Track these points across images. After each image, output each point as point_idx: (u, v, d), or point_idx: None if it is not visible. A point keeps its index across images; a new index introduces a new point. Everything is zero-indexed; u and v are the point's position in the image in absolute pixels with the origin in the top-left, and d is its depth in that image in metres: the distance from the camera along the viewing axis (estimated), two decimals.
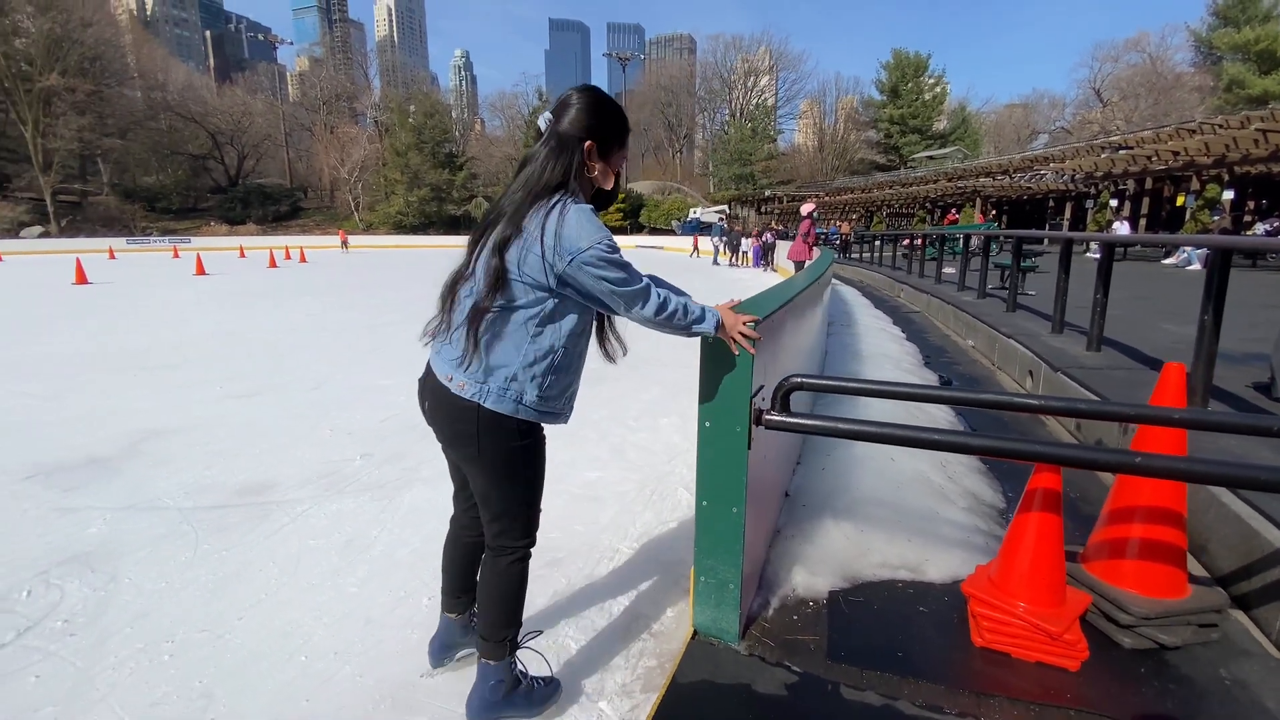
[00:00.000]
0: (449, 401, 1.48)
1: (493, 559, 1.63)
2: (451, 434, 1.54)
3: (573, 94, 1.51)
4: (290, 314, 9.81)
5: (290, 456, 3.60)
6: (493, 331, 1.43)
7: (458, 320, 1.46)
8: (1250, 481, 1.36)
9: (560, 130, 1.46)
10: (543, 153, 1.45)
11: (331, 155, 53.50)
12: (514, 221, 1.40)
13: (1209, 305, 3.27)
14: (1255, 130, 15.07)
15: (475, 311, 1.41)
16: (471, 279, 1.45)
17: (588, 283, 1.39)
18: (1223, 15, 37.81)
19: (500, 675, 1.62)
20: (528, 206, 1.41)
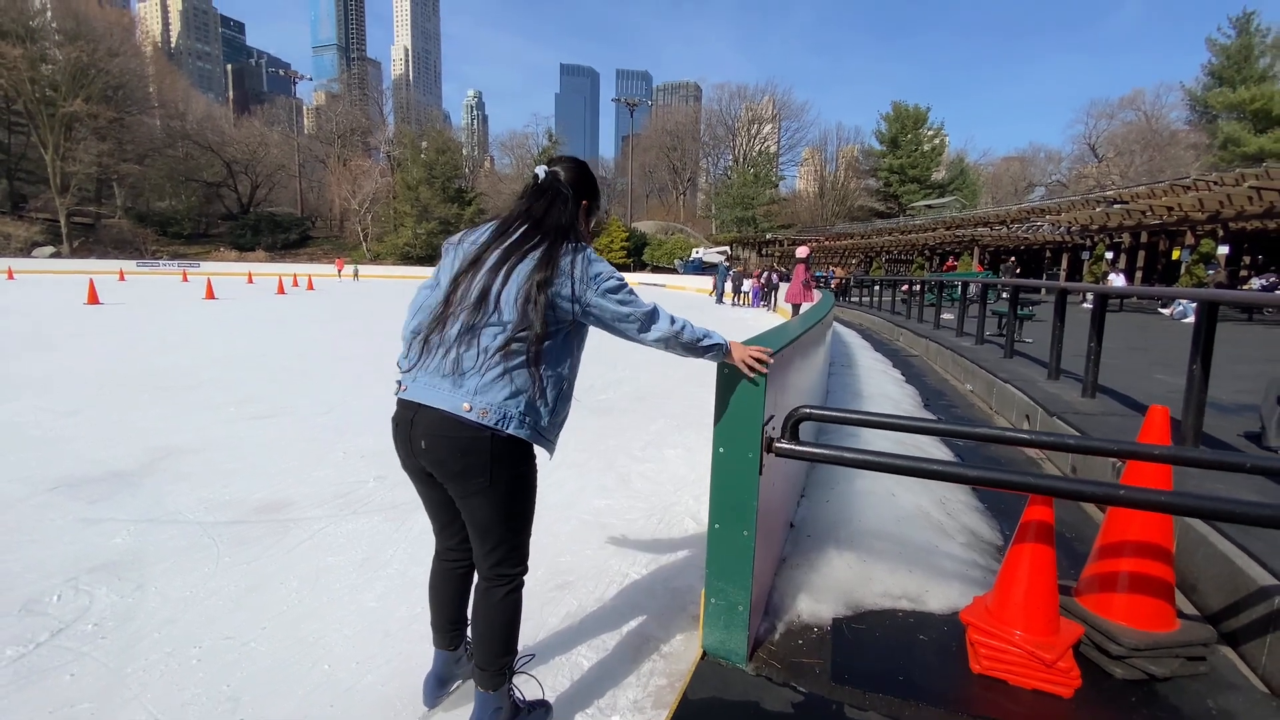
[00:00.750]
0: (459, 434, 1.47)
1: (488, 589, 1.63)
2: (461, 468, 1.50)
3: (567, 160, 1.71)
4: (301, 339, 9.98)
5: (305, 477, 3.69)
6: (515, 362, 1.49)
7: (474, 352, 1.49)
8: (1225, 514, 1.48)
9: (560, 186, 1.63)
10: (554, 204, 1.60)
11: (343, 187, 54.66)
12: (550, 261, 1.51)
13: (1197, 355, 3.42)
14: (1249, 188, 15.52)
15: (506, 343, 1.48)
16: (482, 312, 1.49)
17: (611, 308, 1.54)
18: (1218, 75, 39.18)
19: (499, 703, 1.65)
20: (557, 248, 1.53)
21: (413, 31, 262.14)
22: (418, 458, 1.55)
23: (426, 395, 1.51)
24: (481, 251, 1.56)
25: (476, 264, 1.54)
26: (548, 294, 1.48)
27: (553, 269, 1.50)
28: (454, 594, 1.78)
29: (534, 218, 1.58)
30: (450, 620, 1.79)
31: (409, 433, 1.54)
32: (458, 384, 1.49)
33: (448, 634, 1.79)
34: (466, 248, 1.61)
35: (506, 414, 1.49)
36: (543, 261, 1.50)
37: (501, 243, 1.56)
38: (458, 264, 1.58)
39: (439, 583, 1.78)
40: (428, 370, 1.53)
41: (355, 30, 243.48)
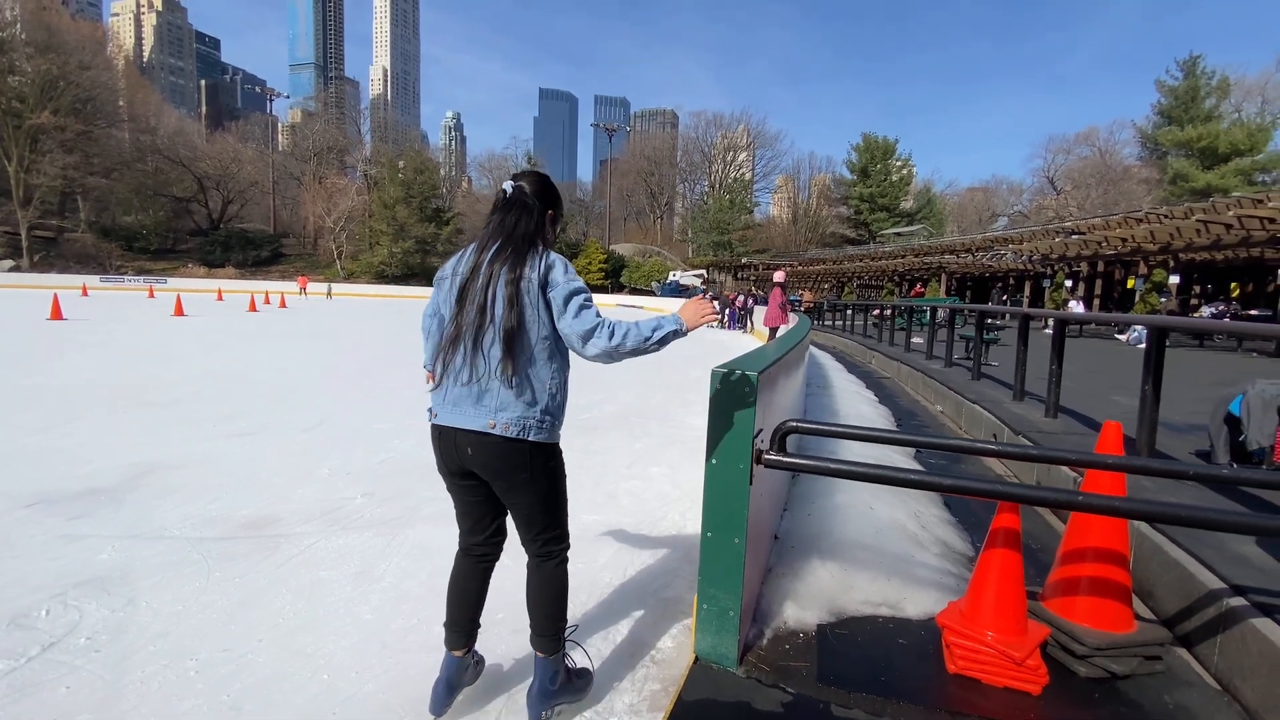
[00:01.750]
0: (494, 446, 1.66)
1: (540, 565, 1.86)
2: (506, 468, 1.69)
3: (530, 174, 1.86)
4: (277, 357, 9.86)
5: (292, 493, 3.68)
6: (520, 371, 1.65)
7: (485, 370, 1.65)
8: (1172, 518, 1.63)
9: (525, 198, 1.78)
10: (522, 216, 1.75)
11: (318, 204, 54.16)
12: (514, 271, 1.65)
13: (1149, 377, 3.66)
14: (1197, 221, 16.41)
15: (506, 347, 1.63)
16: (513, 323, 1.64)
17: (559, 312, 1.67)
18: (1167, 114, 41.45)
19: (555, 668, 1.84)
20: (524, 252, 1.69)
21: (392, 52, 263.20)
22: (463, 463, 1.73)
23: (454, 418, 1.70)
24: (470, 271, 1.71)
25: (470, 284, 1.69)
26: (519, 291, 1.64)
27: (520, 269, 1.66)
28: (477, 589, 1.91)
29: (506, 230, 1.73)
30: (469, 617, 1.89)
31: (449, 448, 1.74)
32: (480, 402, 1.67)
33: (465, 632, 1.88)
34: (460, 272, 1.74)
35: (526, 424, 1.67)
36: (513, 264, 1.67)
37: (484, 257, 1.71)
38: (455, 290, 1.72)
39: (462, 577, 1.90)
40: (452, 393, 1.70)
41: (334, 50, 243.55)
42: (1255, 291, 21.89)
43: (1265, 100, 41.42)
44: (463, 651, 1.88)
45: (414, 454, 4.58)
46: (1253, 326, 9.60)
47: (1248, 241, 15.61)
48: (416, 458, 4.49)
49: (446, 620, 1.89)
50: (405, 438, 5.01)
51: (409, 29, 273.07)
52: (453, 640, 1.88)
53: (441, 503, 3.60)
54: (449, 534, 3.14)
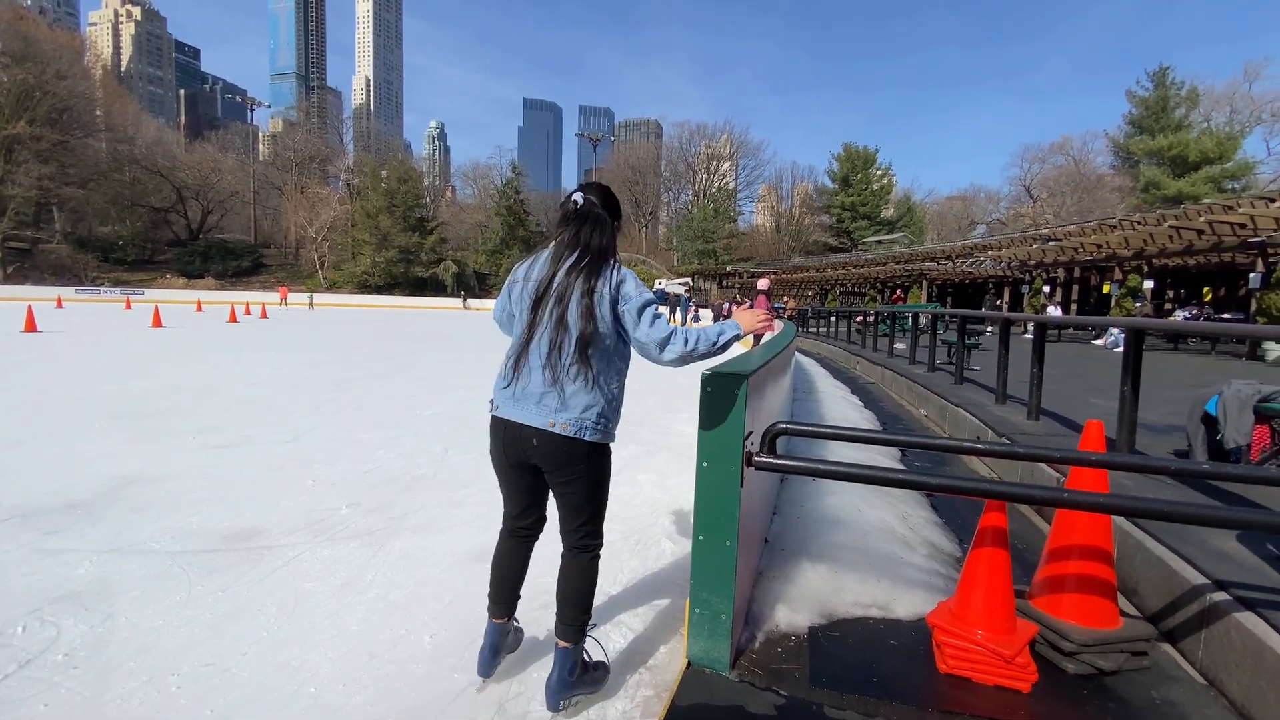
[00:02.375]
0: (560, 444, 1.80)
1: (576, 556, 1.97)
2: (564, 460, 1.83)
3: (597, 187, 1.97)
4: (258, 368, 9.71)
5: (274, 505, 3.62)
6: (583, 377, 1.79)
7: (555, 374, 1.79)
8: (1154, 513, 1.66)
9: (597, 211, 1.89)
10: (597, 228, 1.86)
11: (300, 214, 53.71)
12: (589, 282, 1.78)
13: (1128, 378, 3.73)
14: (1169, 227, 16.84)
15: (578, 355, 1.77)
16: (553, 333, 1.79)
17: (630, 323, 1.80)
18: (1138, 124, 42.54)
19: (575, 659, 1.93)
20: (599, 265, 1.81)
21: (374, 62, 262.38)
22: (526, 456, 1.86)
23: (518, 413, 1.84)
24: (549, 279, 1.82)
25: (548, 292, 1.81)
26: (595, 304, 1.78)
27: (595, 281, 1.79)
28: (519, 564, 2.06)
29: (582, 242, 1.83)
30: (511, 590, 2.05)
31: (513, 441, 1.86)
32: (541, 402, 1.80)
33: (507, 603, 2.04)
34: (532, 279, 1.87)
35: (583, 425, 1.81)
36: (588, 276, 1.80)
37: (560, 267, 1.82)
38: (529, 294, 1.85)
39: (507, 554, 2.05)
40: (519, 390, 1.84)
41: (315, 59, 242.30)
42: (1227, 296, 22.45)
43: (1233, 110, 42.67)
44: (504, 619, 2.04)
45: (399, 464, 4.53)
46: (1224, 327, 9.84)
47: (1219, 247, 16.04)
48: (402, 468, 4.44)
49: (490, 592, 2.04)
50: (390, 448, 4.96)
51: (391, 39, 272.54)
52: (495, 610, 2.03)
53: (429, 513, 3.58)
54: (435, 544, 3.13)
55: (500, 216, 54.31)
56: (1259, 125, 42.28)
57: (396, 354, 12.82)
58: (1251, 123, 41.88)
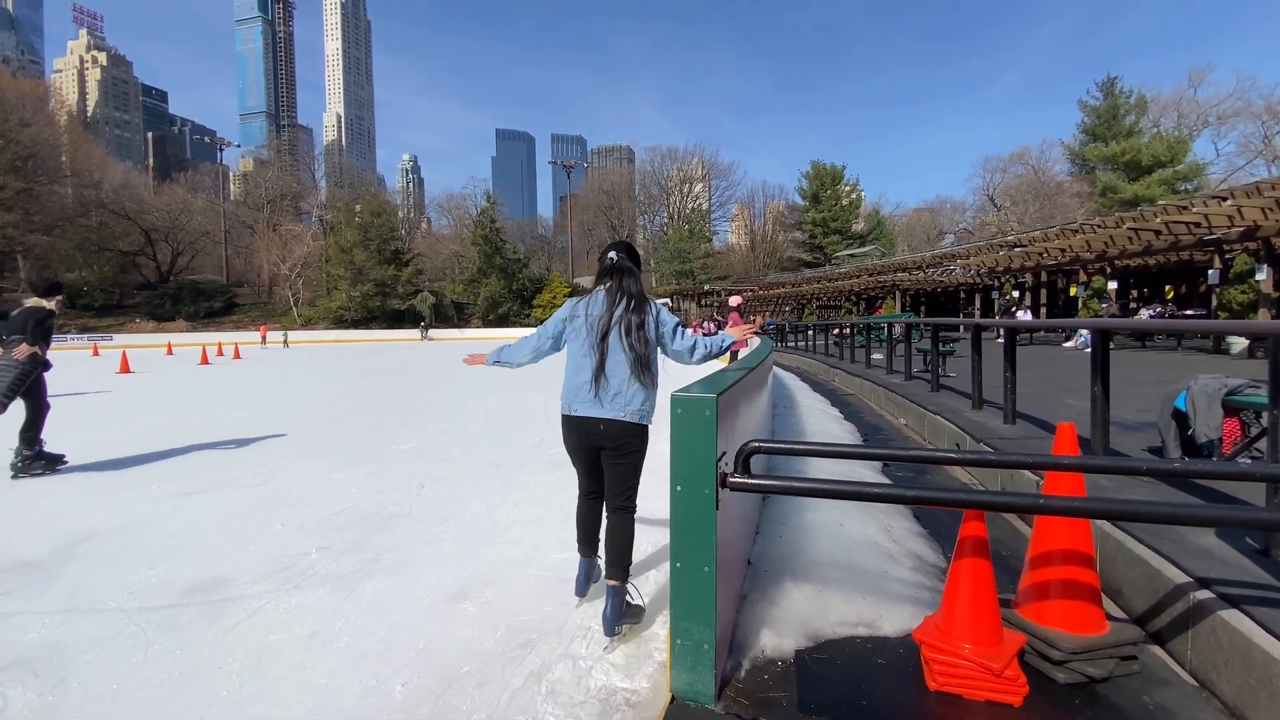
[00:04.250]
0: (624, 427, 2.51)
1: (620, 517, 2.60)
2: (624, 443, 2.54)
3: (623, 245, 2.71)
4: (228, 411, 9.46)
5: (241, 553, 3.48)
6: (638, 383, 2.51)
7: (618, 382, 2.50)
8: (1133, 514, 1.64)
9: (630, 265, 2.66)
10: (632, 277, 2.64)
11: (273, 252, 53.13)
12: (639, 317, 2.55)
13: (1097, 378, 3.77)
14: (1128, 229, 17.29)
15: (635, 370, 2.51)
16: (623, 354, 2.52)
17: (668, 338, 2.61)
18: (1091, 132, 43.99)
19: (622, 596, 2.50)
20: (645, 305, 2.59)
21: (345, 98, 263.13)
22: (598, 441, 2.54)
23: (593, 411, 2.52)
24: (609, 319, 2.54)
25: (613, 320, 2.54)
26: (645, 333, 2.54)
27: (643, 316, 2.56)
28: (595, 519, 2.76)
29: (627, 291, 2.59)
30: (592, 534, 2.77)
31: (588, 430, 2.54)
32: (613, 401, 2.50)
33: (591, 544, 2.77)
34: (593, 316, 2.58)
35: (642, 414, 2.55)
36: (639, 312, 2.56)
37: (615, 310, 2.55)
38: (595, 329, 2.55)
39: (586, 511, 2.79)
40: (595, 396, 2.50)
41: (285, 98, 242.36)
42: (1189, 293, 23.10)
43: (1180, 115, 44.42)
44: (591, 556, 2.78)
45: (373, 503, 4.40)
46: (1187, 324, 10.08)
47: (1177, 245, 16.52)
48: (376, 506, 4.31)
49: (578, 538, 2.79)
50: (364, 486, 4.82)
51: (361, 75, 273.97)
52: (585, 550, 2.79)
53: (404, 552, 3.46)
54: (410, 586, 3.02)
55: (476, 245, 54.22)
56: (1206, 128, 44.11)
57: (373, 389, 12.62)
58: (1199, 126, 43.64)
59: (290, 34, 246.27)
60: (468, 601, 2.85)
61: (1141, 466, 1.65)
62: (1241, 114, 43.75)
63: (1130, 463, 1.66)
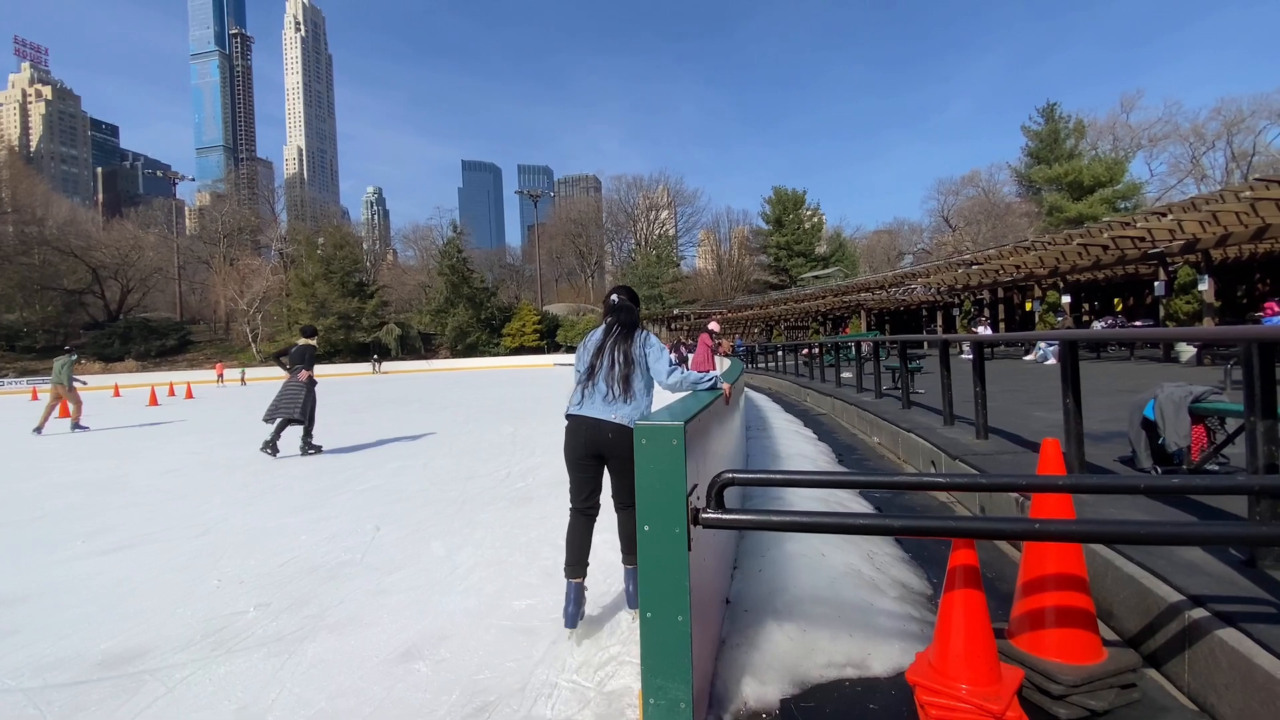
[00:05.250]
0: (625, 432, 2.64)
1: (626, 513, 2.76)
2: (626, 450, 2.38)
3: (624, 289, 3.12)
4: (172, 455, 8.92)
5: (168, 616, 3.14)
6: (629, 394, 2.79)
7: (613, 390, 2.79)
8: (1131, 537, 1.52)
9: (630, 304, 3.06)
10: (629, 313, 3.02)
11: (230, 287, 51.70)
12: (630, 340, 2.90)
13: (1069, 390, 3.73)
14: (1078, 245, 17.98)
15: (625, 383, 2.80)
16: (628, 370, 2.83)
17: (653, 362, 2.88)
18: (1035, 155, 46.15)
19: (635, 574, 2.41)
20: (634, 333, 2.94)
21: (306, 132, 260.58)
22: (599, 445, 2.76)
23: (599, 411, 2.78)
24: (603, 344, 2.91)
25: (604, 348, 2.90)
26: (635, 354, 2.87)
27: (630, 343, 2.91)
28: (586, 540, 2.83)
29: (623, 323, 2.97)
30: (583, 555, 2.79)
31: (591, 433, 2.77)
32: (609, 408, 2.77)
33: (581, 565, 2.78)
34: (593, 344, 2.96)
35: (634, 420, 2.36)
36: (629, 339, 2.92)
37: (611, 337, 2.92)
38: (594, 348, 2.93)
39: (580, 530, 2.83)
40: (589, 402, 2.82)
41: (244, 131, 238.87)
42: (1136, 305, 24.05)
43: (1115, 138, 46.97)
44: (580, 579, 2.75)
45: (322, 551, 4.08)
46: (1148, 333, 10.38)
47: (1124, 260, 17.20)
48: (325, 555, 3.99)
49: (567, 559, 2.77)
50: (313, 532, 4.49)
51: (323, 109, 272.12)
52: (573, 571, 2.75)
53: (352, 606, 3.17)
54: (356, 644, 2.74)
55: (443, 275, 53.66)
56: (1140, 150, 46.70)
57: (331, 425, 12.07)
58: (1133, 148, 46.20)
59: (249, 67, 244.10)
60: (420, 660, 2.58)
61: (1139, 485, 1.54)
62: (1170, 136, 46.56)
63: (1126, 481, 1.54)
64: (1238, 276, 21.79)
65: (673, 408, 2.04)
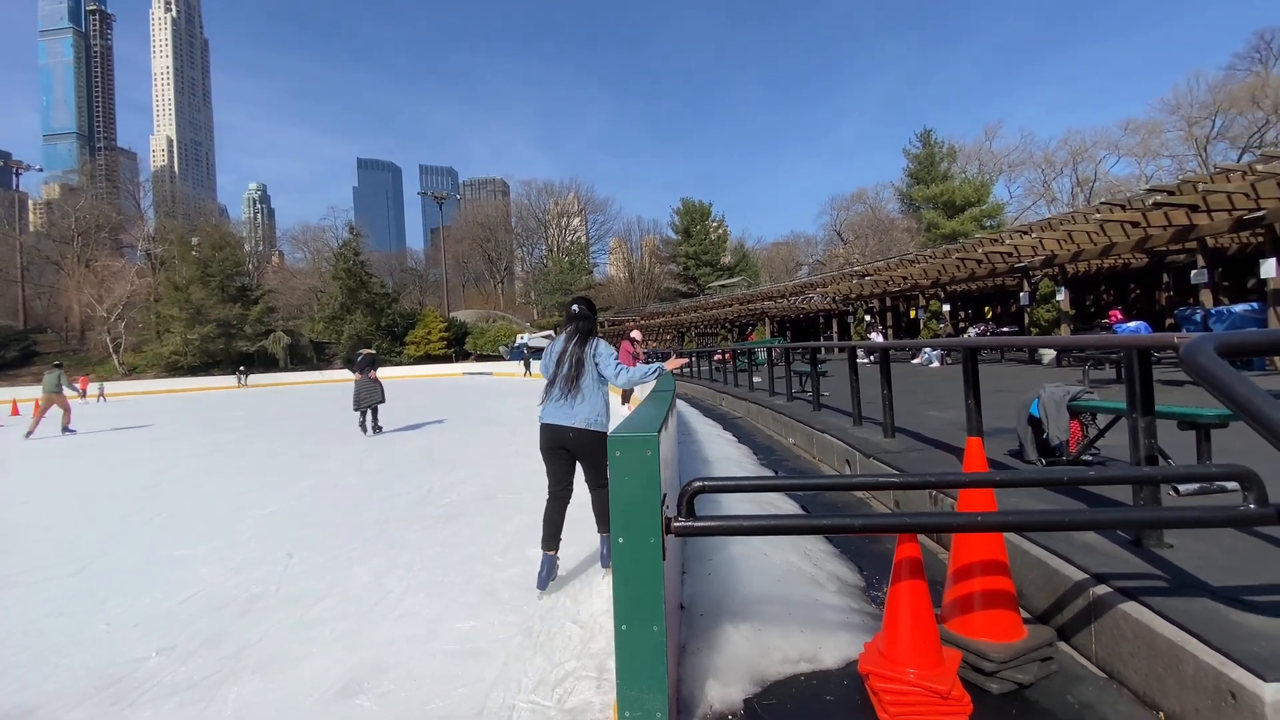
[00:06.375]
0: (589, 433, 3.28)
1: (599, 493, 3.36)
2: (596, 447, 3.28)
3: (582, 299, 3.61)
4: (28, 483, 7.79)
5: (50, 669, 2.74)
6: (586, 395, 3.32)
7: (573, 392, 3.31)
8: (1064, 524, 1.71)
9: (587, 313, 3.52)
10: (586, 321, 3.50)
11: (85, 291, 45.89)
12: (583, 346, 3.41)
13: (970, 392, 4.10)
14: (956, 259, 19.85)
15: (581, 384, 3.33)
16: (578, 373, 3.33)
17: (603, 365, 3.39)
18: (914, 176, 50.57)
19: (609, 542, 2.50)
20: (586, 341, 3.43)
21: (178, 121, 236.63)
22: (565, 444, 3.30)
23: (558, 417, 3.31)
24: (566, 348, 3.41)
25: (565, 354, 3.40)
26: (588, 358, 3.38)
27: (586, 347, 3.41)
28: (561, 516, 3.34)
29: (580, 330, 3.46)
30: (557, 533, 3.32)
31: (558, 435, 3.30)
32: (571, 410, 3.30)
33: (555, 541, 3.30)
34: (557, 349, 3.46)
35: (593, 421, 3.31)
36: (583, 344, 3.42)
37: (571, 343, 3.43)
38: (556, 355, 3.43)
39: (555, 512, 3.34)
40: (552, 406, 3.33)
41: (102, 118, 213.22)
42: (1004, 313, 26.81)
43: (980, 163, 52.33)
44: (553, 552, 3.29)
45: (229, 583, 3.71)
46: (1051, 340, 11.63)
47: (994, 272, 19.13)
48: (234, 588, 3.64)
49: (544, 535, 3.31)
50: (215, 563, 4.08)
51: (198, 97, 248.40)
52: (549, 545, 3.29)
53: (275, 642, 2.91)
54: (287, 684, 2.52)
55: (339, 280, 50.36)
56: (1000, 174, 52.37)
57: (221, 443, 11.03)
58: (995, 173, 51.75)
59: (109, 48, 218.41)
60: (362, 695, 2.42)
61: (1062, 478, 1.73)
62: (1026, 163, 52.54)
63: (1052, 474, 1.73)
64: (1086, 288, 24.89)
65: (637, 417, 2.05)
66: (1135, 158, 47.72)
